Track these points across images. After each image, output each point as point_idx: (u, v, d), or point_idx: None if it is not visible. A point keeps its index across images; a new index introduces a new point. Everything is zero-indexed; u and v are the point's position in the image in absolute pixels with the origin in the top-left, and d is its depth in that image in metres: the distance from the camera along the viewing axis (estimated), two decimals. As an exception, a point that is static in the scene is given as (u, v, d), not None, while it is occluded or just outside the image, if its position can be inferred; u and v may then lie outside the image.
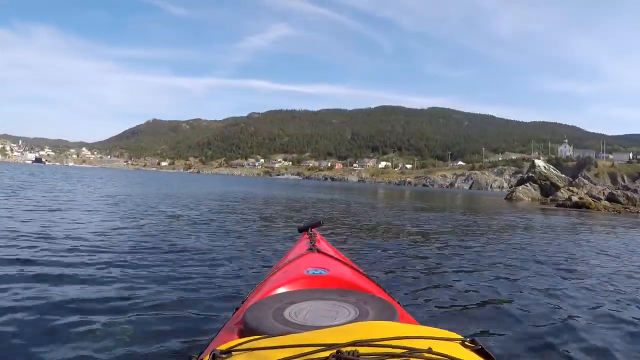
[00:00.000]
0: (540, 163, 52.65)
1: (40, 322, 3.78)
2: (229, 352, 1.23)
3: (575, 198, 35.15)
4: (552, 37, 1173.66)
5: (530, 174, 50.49)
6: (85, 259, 6.34)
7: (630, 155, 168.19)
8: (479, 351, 1.27)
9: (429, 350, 1.11)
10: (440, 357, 1.10)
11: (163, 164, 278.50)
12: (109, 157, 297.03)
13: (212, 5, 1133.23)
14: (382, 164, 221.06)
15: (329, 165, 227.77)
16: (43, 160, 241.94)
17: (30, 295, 4.46)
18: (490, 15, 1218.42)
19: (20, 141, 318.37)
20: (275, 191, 40.38)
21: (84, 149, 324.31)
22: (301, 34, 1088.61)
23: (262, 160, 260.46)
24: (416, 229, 12.83)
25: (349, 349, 1.10)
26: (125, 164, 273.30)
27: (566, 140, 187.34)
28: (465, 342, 1.28)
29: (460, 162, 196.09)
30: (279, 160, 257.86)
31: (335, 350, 1.09)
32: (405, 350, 1.10)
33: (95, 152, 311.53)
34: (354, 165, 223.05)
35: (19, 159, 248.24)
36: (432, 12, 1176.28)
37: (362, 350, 1.10)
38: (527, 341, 3.72)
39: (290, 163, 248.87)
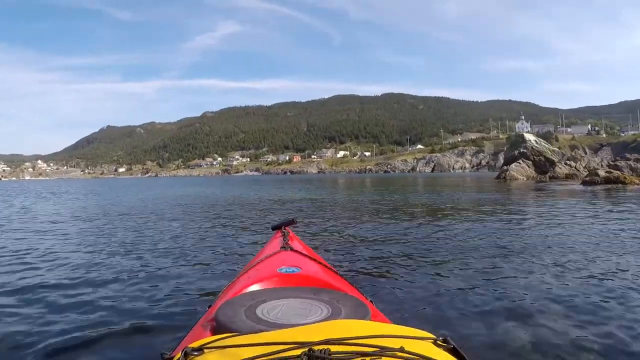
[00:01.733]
0: (530, 137, 44.02)
1: (13, 324, 3.84)
2: (200, 349, 1.20)
3: (602, 173, 26.54)
4: (499, 16, 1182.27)
5: (521, 150, 41.83)
6: (54, 260, 6.70)
7: (589, 127, 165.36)
8: (452, 350, 1.24)
9: (401, 349, 1.09)
10: (413, 356, 1.07)
11: (120, 170, 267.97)
12: (65, 167, 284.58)
13: (156, 7, 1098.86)
14: (341, 154, 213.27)
15: (288, 158, 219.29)
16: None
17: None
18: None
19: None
20: (227, 192, 31.04)
21: (39, 161, 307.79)
22: (249, 30, 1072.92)
23: (219, 158, 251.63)
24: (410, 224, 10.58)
25: (321, 347, 1.08)
26: (82, 173, 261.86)
27: (523, 117, 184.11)
28: (438, 341, 1.25)
29: (419, 146, 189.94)
30: (236, 157, 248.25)
31: (307, 349, 1.08)
32: (377, 349, 1.08)
33: (52, 164, 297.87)
34: (313, 156, 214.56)
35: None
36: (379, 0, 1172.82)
37: (334, 348, 1.08)
38: (501, 340, 3.52)
39: (248, 159, 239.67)
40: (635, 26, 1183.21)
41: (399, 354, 1.07)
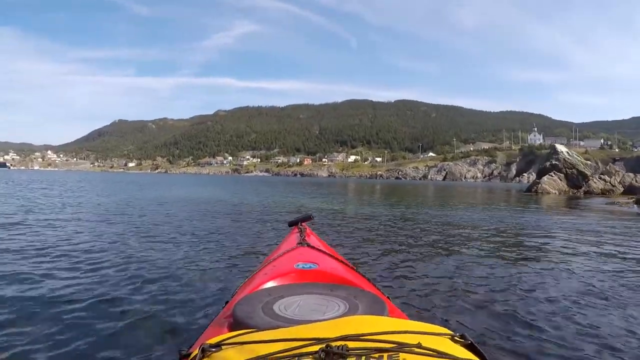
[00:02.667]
0: (562, 149, 42.12)
1: (30, 318, 3.90)
2: (218, 345, 1.20)
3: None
4: (515, 26, 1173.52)
5: (553, 162, 39.94)
6: (70, 257, 6.54)
7: (602, 141, 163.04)
8: (469, 346, 1.23)
9: (419, 345, 1.08)
10: (430, 352, 1.07)
11: (130, 164, 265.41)
12: (75, 159, 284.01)
13: (174, 3, 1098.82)
14: (352, 158, 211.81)
15: (298, 160, 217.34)
16: (8, 165, 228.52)
17: (20, 295, 4.58)
18: (455, 6, 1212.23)
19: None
20: (236, 196, 29.45)
21: (49, 152, 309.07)
22: (266, 30, 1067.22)
23: (230, 157, 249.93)
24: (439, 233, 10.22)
25: (338, 343, 1.08)
26: (91, 165, 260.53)
27: (535, 129, 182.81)
28: (455, 337, 1.25)
29: (431, 154, 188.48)
30: (247, 157, 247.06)
31: (324, 345, 1.07)
32: (394, 345, 1.08)
33: (61, 155, 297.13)
34: (324, 160, 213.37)
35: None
36: (396, 5, 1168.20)
37: (351, 344, 1.08)
38: (517, 337, 3.59)
39: (259, 160, 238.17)
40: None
41: (417, 349, 1.07)
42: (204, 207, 16.54)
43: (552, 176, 38.47)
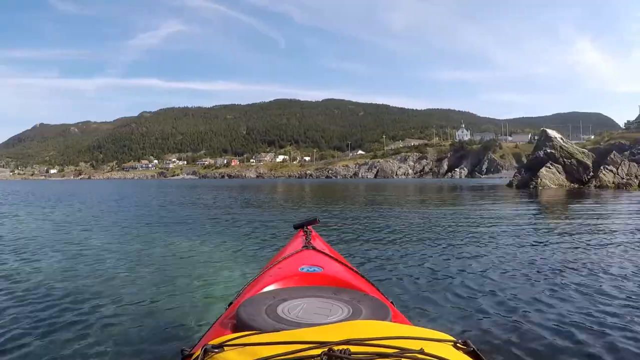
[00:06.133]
0: (555, 134, 30.57)
1: (35, 319, 3.93)
2: (220, 346, 1.17)
3: None
4: (440, 28, 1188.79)
5: (548, 150, 28.62)
6: (79, 254, 6.92)
7: (530, 136, 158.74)
8: (471, 353, 1.20)
9: (421, 351, 1.06)
10: (432, 359, 1.05)
11: (52, 171, 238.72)
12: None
13: (102, 1, 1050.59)
14: (280, 158, 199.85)
15: (225, 162, 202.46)
16: None
17: (26, 294, 4.72)
18: (384, 7, 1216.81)
19: None
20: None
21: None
22: (194, 30, 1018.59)
23: (155, 161, 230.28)
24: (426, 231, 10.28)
25: (341, 347, 1.05)
26: (11, 174, 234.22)
27: (463, 125, 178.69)
28: (458, 344, 1.22)
29: (360, 152, 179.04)
30: (173, 160, 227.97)
31: (327, 348, 1.04)
32: (397, 350, 1.06)
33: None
34: (251, 160, 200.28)
35: None
36: (325, 6, 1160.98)
37: (354, 349, 1.05)
38: (522, 345, 3.46)
39: (185, 162, 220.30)
40: (570, 42, 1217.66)
41: (419, 355, 1.05)
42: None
43: (550, 168, 27.26)
